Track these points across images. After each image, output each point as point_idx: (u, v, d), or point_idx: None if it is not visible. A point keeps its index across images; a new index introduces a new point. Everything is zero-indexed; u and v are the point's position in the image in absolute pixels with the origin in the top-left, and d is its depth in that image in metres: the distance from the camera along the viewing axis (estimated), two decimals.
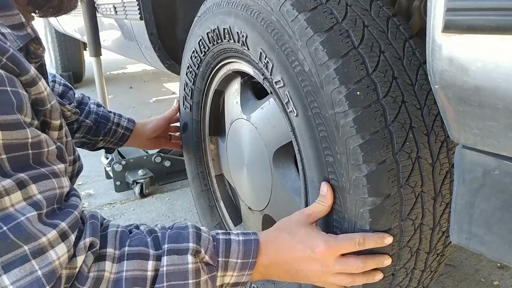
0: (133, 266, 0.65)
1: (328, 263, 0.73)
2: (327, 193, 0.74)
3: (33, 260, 0.56)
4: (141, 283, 0.65)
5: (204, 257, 0.70)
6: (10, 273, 0.55)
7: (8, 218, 0.57)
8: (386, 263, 0.74)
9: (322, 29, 0.71)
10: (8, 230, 0.56)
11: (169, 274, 0.66)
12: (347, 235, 0.73)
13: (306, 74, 0.73)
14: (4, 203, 0.57)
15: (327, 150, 0.74)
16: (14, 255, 0.56)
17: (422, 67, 0.74)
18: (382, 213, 0.70)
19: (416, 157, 0.70)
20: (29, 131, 0.62)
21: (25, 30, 0.72)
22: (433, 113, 0.72)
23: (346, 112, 0.68)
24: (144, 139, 1.39)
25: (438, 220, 0.77)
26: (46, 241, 0.58)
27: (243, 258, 0.72)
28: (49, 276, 0.57)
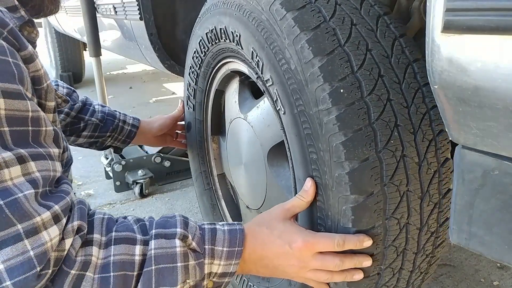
0: (121, 250, 0.65)
1: (304, 259, 0.73)
2: (309, 189, 0.74)
3: (26, 240, 0.56)
4: (129, 268, 0.64)
5: (191, 243, 0.70)
6: (1, 252, 0.55)
7: (5, 192, 0.56)
8: (365, 264, 0.73)
9: (308, 28, 0.71)
10: (4, 205, 0.55)
11: (157, 257, 0.66)
12: (327, 234, 0.73)
13: (292, 72, 0.73)
14: (4, 175, 0.56)
15: (311, 147, 0.74)
16: (7, 233, 0.55)
17: (411, 66, 0.74)
18: (364, 211, 0.70)
19: (401, 156, 0.70)
20: (29, 103, 0.62)
21: (19, 13, 0.73)
22: (420, 112, 0.72)
23: (330, 109, 0.68)
24: (151, 136, 1.41)
25: (426, 220, 0.76)
26: (40, 221, 0.57)
27: (229, 247, 0.72)
28: (40, 258, 0.56)
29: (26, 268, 0.55)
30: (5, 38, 0.61)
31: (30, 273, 0.55)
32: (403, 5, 0.92)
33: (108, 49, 2.50)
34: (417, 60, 0.75)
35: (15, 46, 0.63)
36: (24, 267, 0.55)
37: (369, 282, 0.78)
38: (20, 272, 0.55)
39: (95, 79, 2.12)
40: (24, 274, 0.55)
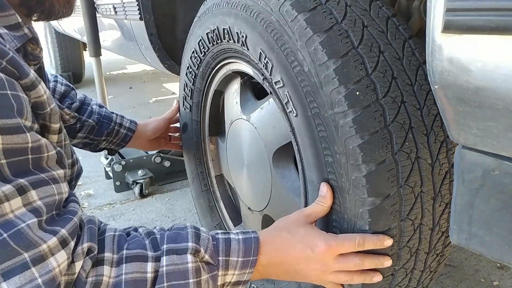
0: (132, 268, 0.65)
1: (327, 262, 0.73)
2: (327, 194, 0.74)
3: (33, 268, 0.56)
4: (141, 285, 0.65)
5: (204, 256, 0.70)
6: (10, 281, 0.54)
7: (8, 225, 0.56)
8: (386, 264, 0.74)
9: (321, 29, 0.71)
10: (8, 237, 0.55)
11: (169, 274, 0.66)
12: (347, 235, 0.73)
13: (306, 74, 0.73)
14: (4, 209, 0.56)
15: (326, 150, 0.74)
16: (14, 262, 0.55)
17: (421, 67, 0.74)
18: (381, 213, 0.70)
19: (415, 157, 0.70)
20: (29, 135, 0.61)
21: (22, 31, 0.72)
22: (432, 113, 0.72)
23: (346, 112, 0.68)
24: (145, 140, 1.40)
25: (438, 220, 0.76)
26: (46, 248, 0.57)
27: (244, 256, 0.72)
28: (49, 284, 0.56)
29: None
30: (4, 69, 0.60)
31: None
32: (403, 5, 0.92)
33: (108, 49, 2.50)
34: None
35: (14, 75, 0.62)
36: None
37: (383, 283, 0.78)
38: None
39: (95, 79, 2.12)
40: None
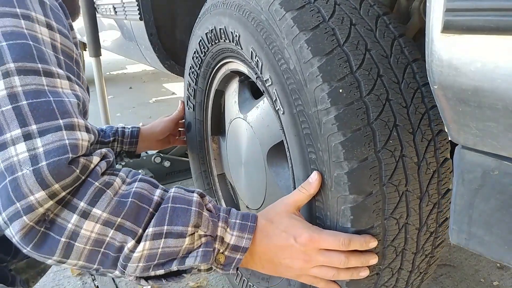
0: (143, 186, 0.70)
1: (310, 254, 0.73)
2: (314, 182, 0.74)
3: (64, 131, 0.65)
4: (146, 202, 0.69)
5: (208, 204, 0.75)
6: (43, 137, 0.63)
7: (56, 94, 0.67)
8: (371, 262, 0.73)
9: (307, 28, 0.71)
10: (53, 101, 0.66)
11: (174, 197, 0.71)
12: (333, 232, 0.73)
13: (291, 72, 0.73)
14: (56, 82, 0.68)
15: (310, 147, 0.74)
16: (50, 124, 0.64)
17: (410, 65, 0.74)
18: (363, 211, 0.70)
19: (400, 155, 0.70)
20: (74, 47, 0.77)
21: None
22: (420, 112, 0.72)
23: (328, 109, 0.68)
24: (154, 141, 1.44)
25: (425, 220, 0.76)
26: (76, 122, 0.67)
27: (242, 220, 0.75)
28: (73, 147, 0.64)
29: (60, 151, 0.63)
30: (59, 4, 0.78)
31: (63, 157, 0.63)
32: (403, 5, 0.92)
33: (108, 49, 2.50)
34: (416, 60, 0.74)
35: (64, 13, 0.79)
36: (59, 151, 0.63)
37: (368, 282, 0.78)
38: (55, 154, 0.62)
39: (95, 79, 2.12)
40: (58, 156, 0.62)
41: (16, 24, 0.68)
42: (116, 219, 0.65)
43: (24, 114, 0.63)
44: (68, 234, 0.63)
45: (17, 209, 0.61)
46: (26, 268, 0.99)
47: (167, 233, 0.68)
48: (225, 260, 0.74)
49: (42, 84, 0.66)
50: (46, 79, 0.67)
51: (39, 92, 0.65)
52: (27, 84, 0.65)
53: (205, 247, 0.71)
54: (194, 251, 0.70)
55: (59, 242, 0.63)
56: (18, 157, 0.62)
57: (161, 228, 0.67)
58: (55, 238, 0.63)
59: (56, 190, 0.62)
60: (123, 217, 0.66)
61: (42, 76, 0.67)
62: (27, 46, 0.67)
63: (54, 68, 0.69)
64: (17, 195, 0.61)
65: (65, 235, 0.63)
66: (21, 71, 0.65)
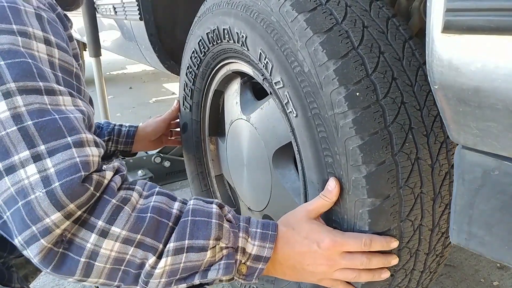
0: (161, 200, 0.69)
1: (334, 258, 0.73)
2: (334, 189, 0.73)
3: (73, 149, 0.63)
4: (165, 216, 0.68)
5: (227, 214, 0.74)
6: (53, 157, 0.62)
7: (60, 111, 0.66)
8: (392, 263, 0.73)
9: (321, 30, 0.71)
10: (59, 118, 0.64)
11: (194, 210, 0.70)
12: (354, 234, 0.73)
13: (306, 74, 0.73)
14: (58, 100, 0.67)
15: (326, 150, 0.73)
16: (59, 143, 0.63)
17: (421, 68, 0.74)
18: (381, 214, 0.70)
19: (415, 158, 0.70)
20: (74, 61, 0.75)
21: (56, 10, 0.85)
22: (432, 114, 0.72)
23: (346, 113, 0.68)
24: (147, 141, 1.43)
25: (437, 221, 0.76)
26: (85, 138, 0.66)
27: (263, 229, 0.74)
28: (84, 164, 0.63)
29: (72, 170, 0.62)
30: (57, 15, 0.77)
31: (76, 176, 0.61)
32: (403, 5, 0.92)
33: (108, 49, 2.50)
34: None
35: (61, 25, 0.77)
36: (71, 170, 0.62)
37: (383, 284, 0.78)
38: (67, 173, 0.61)
39: (95, 79, 2.12)
40: (71, 175, 0.61)
41: (13, 42, 0.66)
42: (135, 236, 0.64)
43: (31, 134, 0.61)
44: (88, 254, 0.63)
45: (33, 233, 0.59)
46: (26, 264, 0.98)
47: (188, 247, 0.67)
48: (247, 270, 0.74)
49: (45, 103, 0.64)
50: (48, 98, 0.65)
51: (43, 111, 0.64)
52: (30, 103, 0.63)
53: (227, 259, 0.70)
54: (216, 263, 0.70)
55: (78, 262, 0.62)
56: (29, 180, 0.60)
57: (182, 242, 0.67)
58: (74, 259, 0.62)
59: (71, 210, 0.61)
60: (142, 234, 0.65)
61: (44, 95, 0.65)
62: (26, 65, 0.65)
63: (55, 85, 0.67)
64: (32, 218, 0.59)
65: (84, 255, 0.62)
66: (23, 91, 0.63)
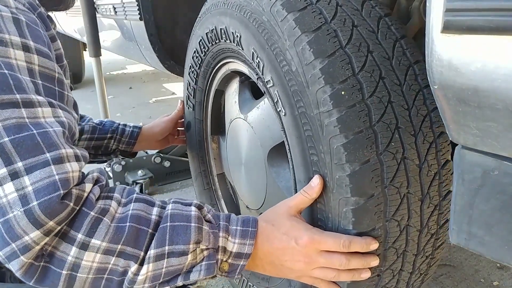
0: (139, 207, 0.69)
1: (311, 255, 0.73)
2: (316, 186, 0.73)
3: (52, 166, 0.62)
4: (145, 223, 0.68)
5: (206, 215, 0.74)
6: (31, 175, 0.60)
7: (38, 125, 0.63)
8: (373, 264, 0.73)
9: (309, 29, 0.71)
10: (37, 134, 0.62)
11: (172, 215, 0.70)
12: (333, 234, 0.73)
13: (293, 73, 0.73)
14: (37, 112, 0.64)
15: (312, 149, 0.74)
16: (37, 159, 0.61)
17: (412, 67, 0.74)
18: (365, 213, 0.70)
19: (401, 158, 0.70)
20: (56, 66, 0.72)
21: (38, 10, 0.81)
22: (421, 114, 0.72)
23: (331, 111, 0.68)
24: (153, 141, 1.44)
25: (426, 222, 0.76)
26: (65, 153, 0.64)
27: (243, 226, 0.75)
28: (64, 182, 0.62)
29: (51, 189, 0.60)
30: (37, 16, 0.73)
31: (54, 195, 0.60)
32: (403, 5, 0.92)
33: (108, 49, 2.50)
34: (418, 62, 0.74)
35: (42, 25, 0.74)
36: (49, 189, 0.60)
37: (369, 284, 0.78)
38: (46, 192, 0.60)
39: (95, 79, 2.12)
40: (49, 194, 0.60)
41: None
42: (116, 246, 0.65)
43: (8, 151, 0.60)
44: (69, 266, 0.63)
45: (13, 250, 0.59)
46: None
47: (169, 253, 0.68)
48: (229, 267, 0.74)
49: (22, 116, 0.62)
50: (26, 111, 0.63)
51: (21, 126, 0.61)
52: (6, 118, 0.61)
53: (208, 260, 0.71)
54: (198, 265, 0.70)
55: (60, 275, 0.63)
56: (7, 198, 0.59)
57: (162, 249, 0.67)
58: (56, 271, 0.63)
59: (51, 227, 0.60)
60: (123, 244, 0.65)
61: (22, 108, 0.62)
62: (2, 76, 0.62)
63: (34, 96, 0.65)
64: (11, 236, 0.59)
65: (66, 268, 0.63)
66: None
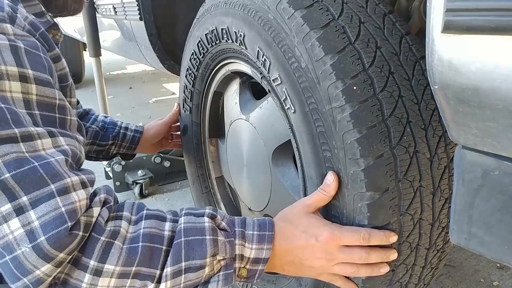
0: (150, 224, 0.68)
1: (332, 252, 0.73)
2: (332, 183, 0.73)
3: (58, 197, 0.60)
4: (158, 241, 0.67)
5: (221, 223, 0.73)
6: (37, 209, 0.58)
7: (39, 157, 0.62)
8: (391, 257, 0.73)
9: (318, 26, 0.72)
10: (39, 166, 0.60)
11: (186, 229, 0.69)
12: (353, 228, 0.73)
13: (303, 70, 0.73)
14: (37, 145, 0.62)
15: (324, 145, 0.74)
16: (42, 192, 0.60)
17: (418, 63, 0.74)
18: (380, 208, 0.70)
19: (413, 151, 0.70)
20: (57, 92, 0.69)
21: (45, 18, 0.81)
22: (430, 108, 0.72)
23: (343, 107, 0.68)
24: (148, 144, 1.43)
25: (438, 215, 0.76)
26: (70, 183, 0.62)
27: (259, 231, 0.73)
28: (71, 214, 0.60)
29: (58, 222, 0.59)
30: (37, 39, 0.70)
31: (62, 228, 0.59)
32: (403, 5, 0.92)
33: (108, 49, 2.50)
34: (424, 58, 0.75)
35: (45, 47, 0.72)
36: (57, 222, 0.59)
37: (383, 279, 0.78)
38: (53, 226, 0.58)
39: (95, 79, 2.12)
40: (56, 228, 0.58)
41: None
42: (130, 269, 0.64)
43: (11, 187, 0.58)
44: None
45: (25, 284, 0.59)
46: None
47: (186, 268, 0.67)
48: (248, 273, 0.74)
49: (21, 151, 0.60)
50: (25, 144, 0.61)
51: (21, 160, 0.60)
52: (6, 154, 0.59)
53: (225, 270, 0.71)
54: (215, 275, 0.70)
55: None
56: (13, 235, 0.58)
57: (179, 265, 0.67)
58: None
59: (62, 258, 0.59)
60: (137, 265, 0.64)
61: (20, 142, 0.61)
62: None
63: (32, 128, 0.62)
64: (22, 272, 0.58)
65: None
66: None
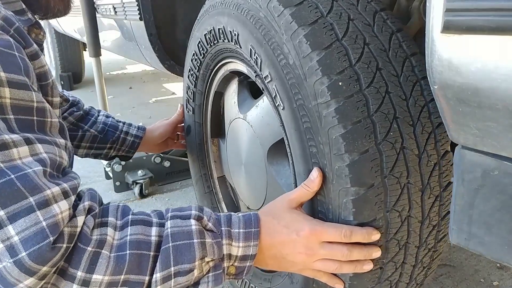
0: (137, 230, 0.67)
1: (312, 247, 0.73)
2: (316, 179, 0.73)
3: (38, 211, 0.57)
4: (145, 247, 0.66)
5: (207, 224, 0.72)
6: (15, 224, 0.56)
7: (15, 168, 0.58)
8: (374, 255, 0.73)
9: (306, 23, 0.72)
10: (15, 178, 0.57)
11: (173, 234, 0.68)
12: (334, 224, 0.73)
13: (291, 67, 0.74)
14: (12, 154, 0.58)
15: (310, 141, 0.74)
16: (20, 206, 0.56)
17: (408, 59, 0.74)
18: (365, 203, 0.70)
19: (400, 148, 0.70)
20: (34, 94, 0.64)
21: (26, 15, 0.78)
22: (419, 104, 0.72)
23: (328, 102, 0.69)
24: (152, 144, 1.43)
25: (427, 213, 0.76)
26: (50, 194, 0.59)
27: (245, 228, 0.73)
28: (53, 228, 0.58)
29: (39, 238, 0.56)
30: (12, 35, 0.65)
31: (43, 243, 0.56)
32: (402, 5, 0.92)
33: (108, 49, 2.50)
34: (415, 54, 0.75)
35: (21, 44, 0.67)
36: (38, 237, 0.56)
37: (371, 277, 0.78)
38: (34, 242, 0.56)
39: (95, 79, 2.12)
40: (38, 244, 0.56)
41: None
42: (119, 277, 0.63)
43: None
44: None
45: None
46: None
47: (175, 273, 0.67)
48: (236, 270, 0.74)
49: None
50: (0, 154, 0.57)
51: None
52: None
53: (215, 270, 0.71)
54: (205, 276, 0.70)
55: None
56: None
57: (168, 270, 0.66)
58: None
59: (45, 271, 0.57)
60: (126, 273, 0.63)
61: None
62: None
63: (7, 136, 0.58)
64: (5, 285, 0.56)
65: None
66: None
